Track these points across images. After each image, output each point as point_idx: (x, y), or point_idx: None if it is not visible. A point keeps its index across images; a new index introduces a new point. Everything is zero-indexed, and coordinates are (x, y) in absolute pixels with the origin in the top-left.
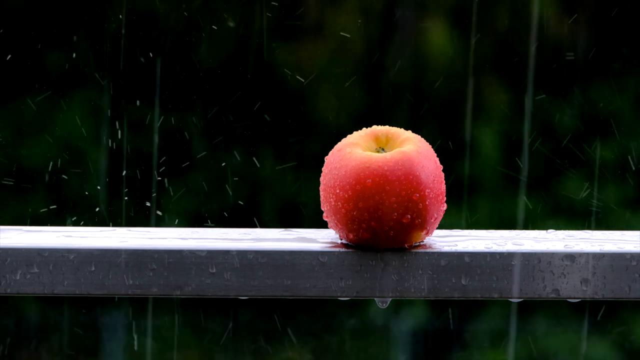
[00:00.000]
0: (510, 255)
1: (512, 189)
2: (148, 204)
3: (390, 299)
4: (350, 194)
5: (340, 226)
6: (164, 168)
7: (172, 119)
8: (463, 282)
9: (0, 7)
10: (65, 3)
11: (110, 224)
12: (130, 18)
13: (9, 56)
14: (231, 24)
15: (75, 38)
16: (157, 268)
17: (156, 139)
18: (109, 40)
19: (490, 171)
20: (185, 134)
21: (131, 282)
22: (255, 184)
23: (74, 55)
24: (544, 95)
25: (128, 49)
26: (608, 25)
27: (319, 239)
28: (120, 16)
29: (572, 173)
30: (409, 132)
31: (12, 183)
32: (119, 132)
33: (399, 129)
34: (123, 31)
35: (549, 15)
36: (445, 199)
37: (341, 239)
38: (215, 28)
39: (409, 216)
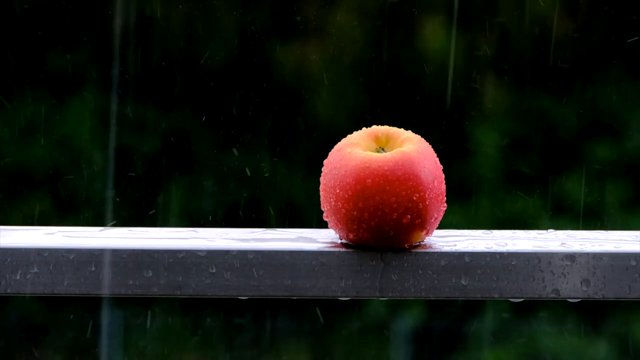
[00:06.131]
0: (510, 255)
1: (512, 189)
2: (149, 204)
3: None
4: (350, 194)
5: (340, 226)
6: (164, 168)
7: (172, 119)
8: (463, 282)
9: (2, 7)
10: (66, 3)
11: (111, 224)
12: (131, 18)
13: (9, 56)
14: (231, 24)
15: (76, 38)
16: (157, 268)
17: (156, 138)
18: (110, 41)
19: (490, 171)
20: (185, 134)
21: (131, 282)
22: (255, 184)
23: (75, 55)
24: (544, 94)
25: (128, 49)
26: (608, 24)
27: (319, 239)
28: (121, 16)
29: (572, 173)
30: (409, 132)
31: (12, 183)
32: (119, 132)
33: (399, 129)
34: (123, 31)
35: (549, 13)
36: (445, 199)
37: (341, 239)
38: (215, 28)
39: (409, 216)
